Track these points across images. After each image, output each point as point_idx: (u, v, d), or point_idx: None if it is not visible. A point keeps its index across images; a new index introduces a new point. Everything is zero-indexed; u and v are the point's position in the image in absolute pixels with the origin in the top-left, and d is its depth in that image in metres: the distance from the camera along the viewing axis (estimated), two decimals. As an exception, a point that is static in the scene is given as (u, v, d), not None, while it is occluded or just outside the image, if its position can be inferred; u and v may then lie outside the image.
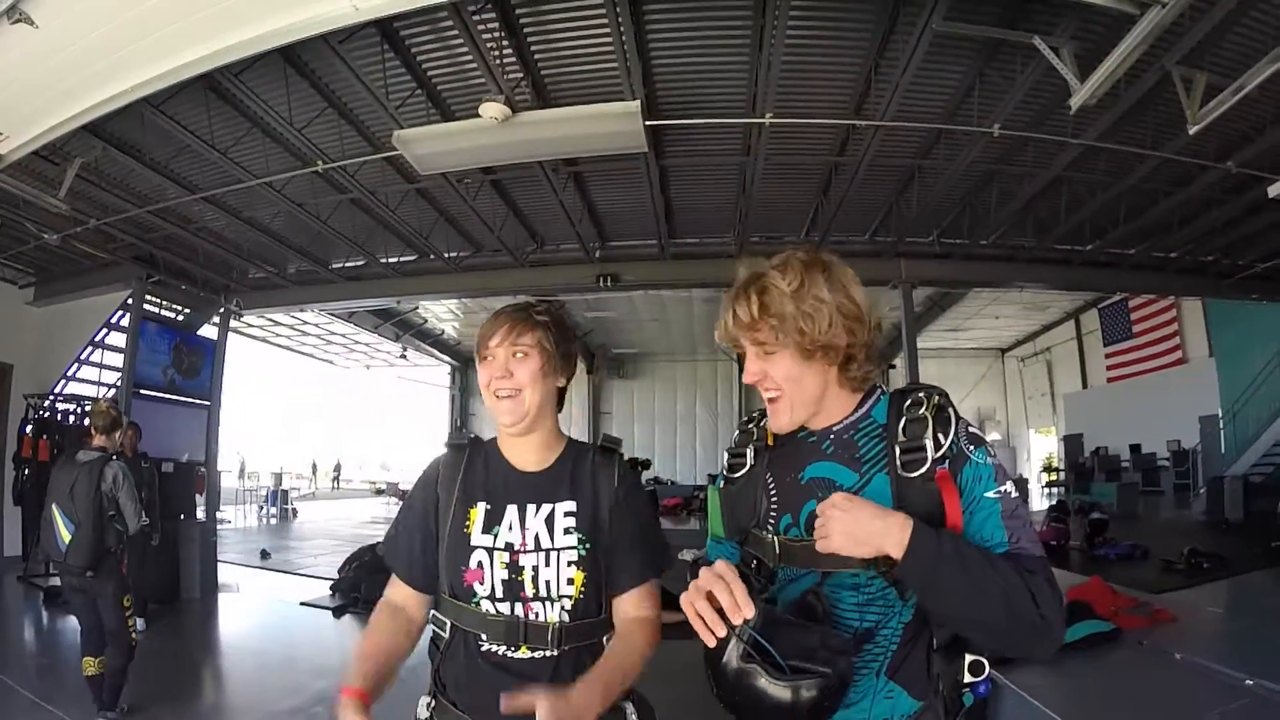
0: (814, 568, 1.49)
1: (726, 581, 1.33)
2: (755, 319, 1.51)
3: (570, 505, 1.81)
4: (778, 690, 1.27)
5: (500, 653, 1.72)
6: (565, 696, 1.53)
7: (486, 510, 1.79)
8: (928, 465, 1.43)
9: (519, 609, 1.72)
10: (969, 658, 1.47)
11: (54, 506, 4.90)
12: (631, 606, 1.82)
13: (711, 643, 1.32)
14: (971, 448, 1.44)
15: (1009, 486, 1.44)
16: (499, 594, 1.72)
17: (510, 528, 1.77)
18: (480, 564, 1.74)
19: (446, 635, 1.78)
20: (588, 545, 1.78)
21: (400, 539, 1.88)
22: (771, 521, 1.59)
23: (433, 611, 1.82)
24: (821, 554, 1.39)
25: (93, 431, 5.16)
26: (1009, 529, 1.39)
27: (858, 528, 1.34)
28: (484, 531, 1.77)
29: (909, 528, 1.32)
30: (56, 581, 9.09)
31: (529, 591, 1.73)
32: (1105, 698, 4.79)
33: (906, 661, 1.46)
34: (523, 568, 1.74)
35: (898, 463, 1.46)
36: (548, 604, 1.73)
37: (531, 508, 1.80)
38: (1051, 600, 1.32)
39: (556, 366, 1.84)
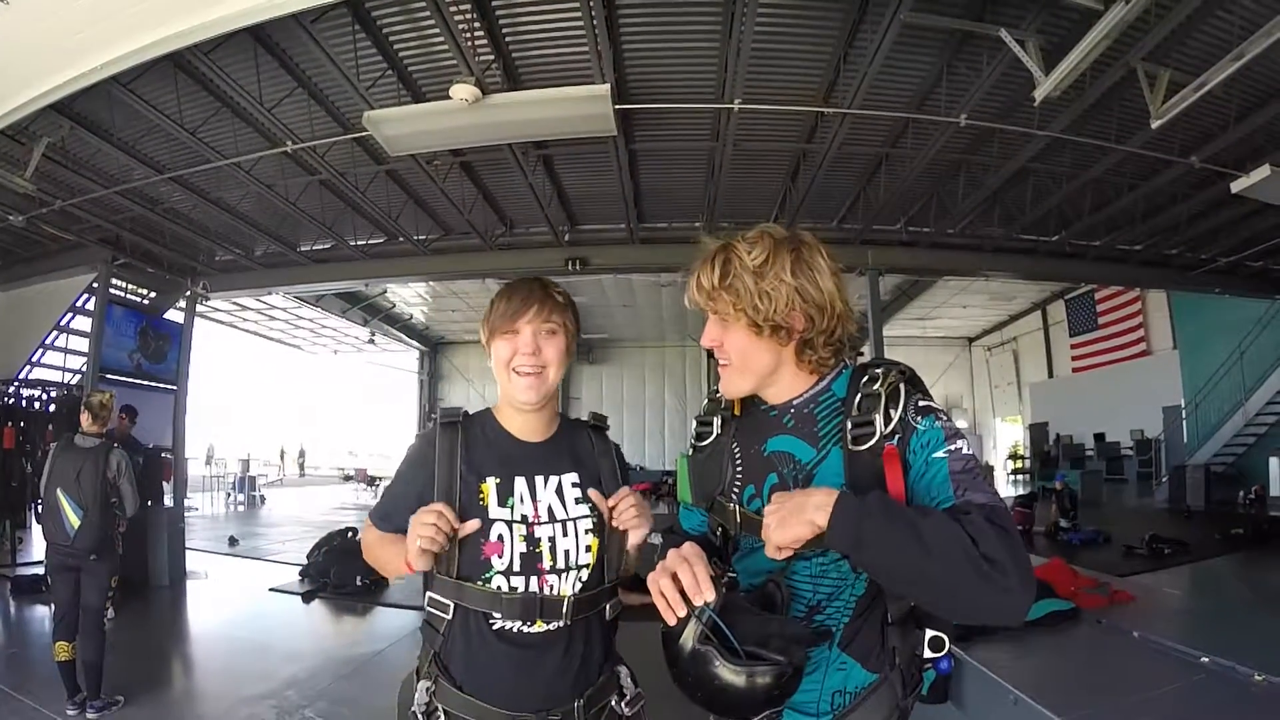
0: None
1: (690, 564, 1.36)
2: (714, 288, 1.53)
3: (575, 476, 1.84)
4: (731, 675, 1.29)
5: (514, 629, 1.71)
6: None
7: (497, 484, 1.77)
8: (875, 440, 1.43)
9: (534, 583, 1.72)
10: (929, 633, 1.50)
11: (59, 492, 5.03)
12: None
13: (672, 621, 1.35)
14: (919, 419, 1.44)
15: (960, 444, 1.42)
16: (516, 567, 1.72)
17: (522, 499, 1.77)
18: (500, 537, 1.72)
19: (449, 617, 1.73)
20: (597, 515, 1.81)
21: (398, 511, 1.79)
22: (735, 490, 1.62)
23: (429, 594, 1.77)
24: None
25: (89, 419, 5.23)
26: (955, 483, 1.37)
27: (787, 514, 1.33)
28: (500, 505, 1.75)
29: (834, 495, 1.31)
30: (24, 571, 9.07)
31: (546, 564, 1.74)
32: (1063, 673, 4.85)
33: (859, 634, 1.48)
34: (539, 539, 1.74)
35: (848, 436, 1.47)
36: (563, 576, 1.74)
37: (540, 479, 1.80)
38: (994, 539, 1.22)
39: (573, 347, 1.89)
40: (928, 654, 1.51)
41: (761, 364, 1.56)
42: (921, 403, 1.47)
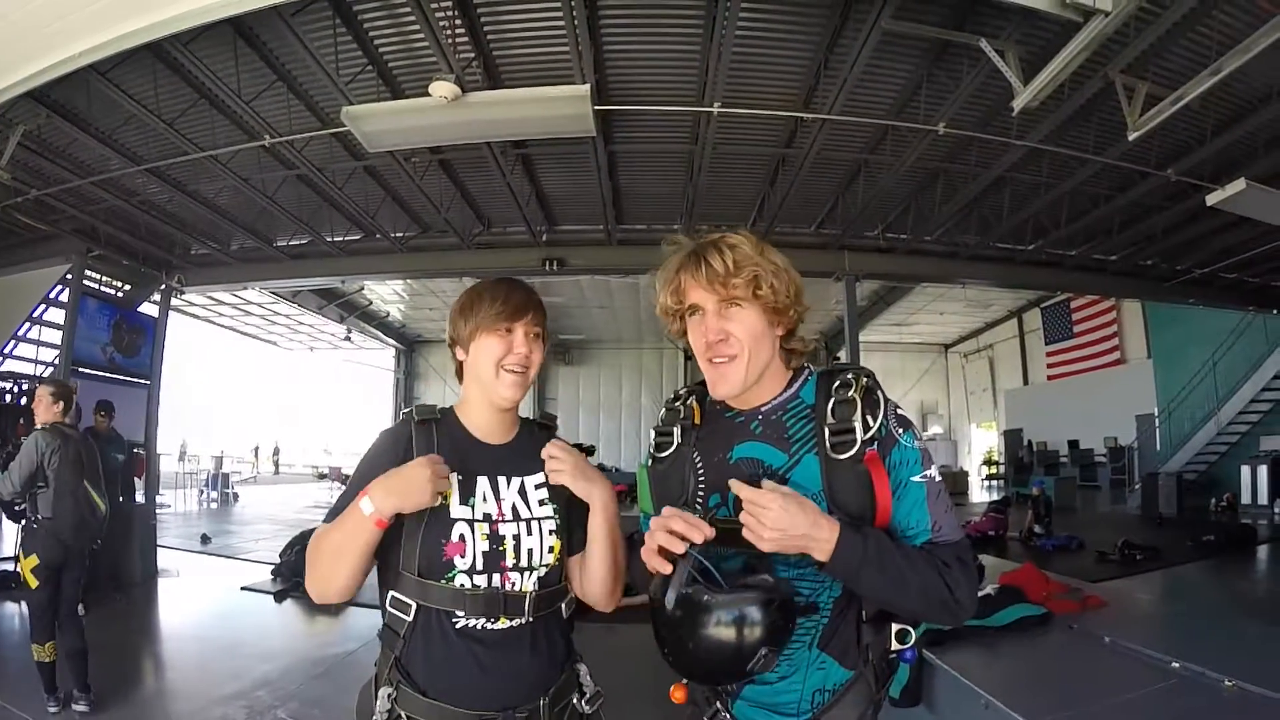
0: (743, 548, 1.48)
1: (675, 518, 1.38)
2: (730, 270, 1.51)
3: (540, 478, 1.83)
4: (720, 609, 1.31)
5: (478, 626, 1.70)
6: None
7: (460, 481, 1.74)
8: (857, 447, 1.45)
9: (496, 580, 1.71)
10: (895, 626, 1.53)
11: (86, 483, 5.12)
12: None
13: (668, 569, 1.36)
14: (900, 430, 1.48)
15: (933, 471, 1.50)
16: (479, 566, 1.70)
17: (484, 499, 1.76)
18: (462, 536, 1.70)
19: (410, 619, 1.70)
20: (561, 516, 1.82)
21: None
22: (700, 500, 1.60)
23: (391, 593, 1.73)
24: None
25: (61, 409, 5.19)
26: (932, 515, 1.46)
27: (791, 531, 1.34)
28: (461, 503, 1.73)
29: (835, 535, 1.35)
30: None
31: (509, 561, 1.73)
32: (1035, 677, 4.89)
33: (838, 633, 1.51)
34: (503, 537, 1.73)
35: (827, 444, 1.48)
36: (525, 574, 1.74)
37: (502, 479, 1.80)
38: (965, 585, 1.42)
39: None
40: (894, 645, 1.54)
41: (765, 353, 1.57)
42: (900, 412, 1.52)
